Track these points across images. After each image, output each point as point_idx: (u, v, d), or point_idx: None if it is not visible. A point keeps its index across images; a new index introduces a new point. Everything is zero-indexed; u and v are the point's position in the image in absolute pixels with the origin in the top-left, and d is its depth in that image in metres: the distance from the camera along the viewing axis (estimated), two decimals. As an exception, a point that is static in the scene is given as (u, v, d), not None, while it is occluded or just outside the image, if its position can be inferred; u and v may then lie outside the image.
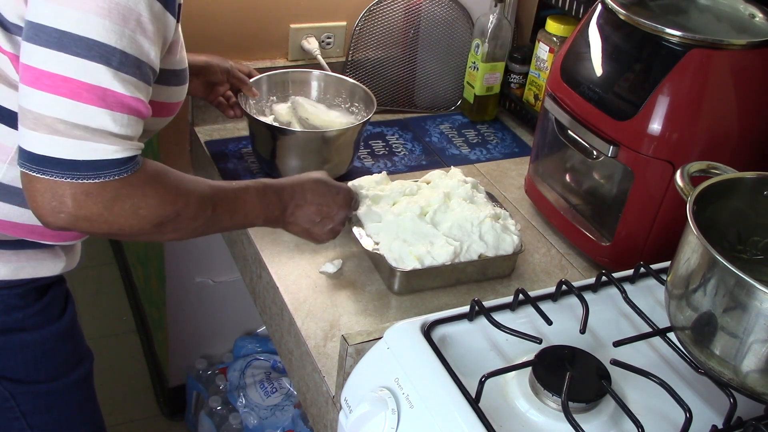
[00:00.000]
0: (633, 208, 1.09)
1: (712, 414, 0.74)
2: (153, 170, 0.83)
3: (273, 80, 1.38)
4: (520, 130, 1.61)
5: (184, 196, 0.85)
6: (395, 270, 1.06)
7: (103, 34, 0.74)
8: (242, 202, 0.93)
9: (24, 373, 1.00)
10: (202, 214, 0.87)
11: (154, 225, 0.83)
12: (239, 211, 0.93)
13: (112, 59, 0.75)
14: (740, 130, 1.02)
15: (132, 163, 0.80)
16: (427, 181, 1.22)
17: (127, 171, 0.79)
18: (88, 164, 0.76)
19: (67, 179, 0.76)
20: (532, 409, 0.71)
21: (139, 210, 0.81)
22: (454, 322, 0.80)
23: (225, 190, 0.92)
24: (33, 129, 0.75)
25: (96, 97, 0.75)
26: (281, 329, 1.11)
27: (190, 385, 1.97)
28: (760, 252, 0.82)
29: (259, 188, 0.96)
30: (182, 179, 0.87)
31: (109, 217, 0.80)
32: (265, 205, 0.96)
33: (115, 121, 0.77)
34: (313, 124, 1.37)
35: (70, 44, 0.73)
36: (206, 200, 0.88)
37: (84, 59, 0.74)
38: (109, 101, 0.76)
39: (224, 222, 0.92)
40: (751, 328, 0.65)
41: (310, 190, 1.00)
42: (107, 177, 0.78)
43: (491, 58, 1.54)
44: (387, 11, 1.57)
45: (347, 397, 0.80)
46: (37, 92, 0.74)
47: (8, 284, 0.94)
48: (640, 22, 1.03)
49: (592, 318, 0.81)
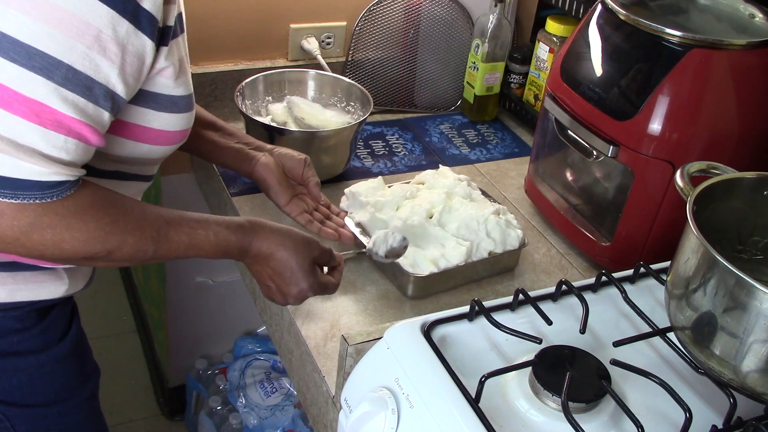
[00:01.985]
0: (633, 208, 1.09)
1: (712, 414, 0.74)
2: (87, 200, 0.75)
3: (269, 80, 1.38)
4: (520, 130, 1.61)
5: (119, 236, 0.77)
6: (411, 275, 1.05)
7: (50, 45, 0.67)
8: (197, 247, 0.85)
9: (19, 397, 0.95)
10: (140, 255, 0.80)
11: (82, 258, 0.76)
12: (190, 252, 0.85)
13: (54, 73, 0.68)
14: (740, 130, 1.02)
15: (60, 188, 0.72)
16: (420, 182, 1.23)
17: (52, 196, 0.71)
18: (6, 181, 0.68)
19: None
20: (532, 409, 0.71)
21: (62, 243, 0.74)
22: (454, 322, 0.80)
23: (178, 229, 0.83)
24: None
25: (29, 111, 0.68)
26: (281, 329, 1.11)
27: (190, 385, 1.96)
28: (760, 252, 0.82)
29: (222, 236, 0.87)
30: (122, 215, 0.78)
31: (27, 243, 0.73)
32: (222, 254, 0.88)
33: (47, 140, 0.69)
34: (308, 124, 1.37)
35: (8, 48, 0.67)
36: (146, 244, 0.80)
37: (21, 67, 0.67)
38: (43, 118, 0.68)
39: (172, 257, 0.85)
40: (751, 328, 0.65)
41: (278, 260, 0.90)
42: (27, 199, 0.70)
43: (491, 58, 1.54)
44: (387, 11, 1.57)
45: (347, 397, 0.80)
46: None
47: (4, 307, 0.89)
48: (640, 22, 1.03)
49: (592, 318, 0.81)
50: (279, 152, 1.13)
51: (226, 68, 1.52)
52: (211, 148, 1.12)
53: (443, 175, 1.22)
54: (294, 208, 1.12)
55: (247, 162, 1.11)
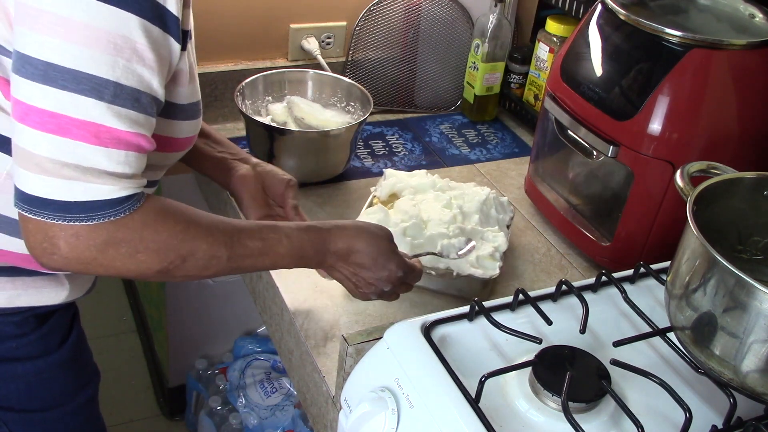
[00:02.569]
0: (633, 208, 1.09)
1: (712, 414, 0.74)
2: (157, 211, 0.76)
3: (269, 80, 1.38)
4: (520, 130, 1.61)
5: (191, 242, 0.77)
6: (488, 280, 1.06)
7: (92, 65, 0.68)
8: (271, 251, 0.84)
9: (16, 402, 0.94)
10: (215, 262, 0.80)
11: (157, 271, 0.77)
12: (265, 260, 0.84)
13: (104, 92, 0.69)
14: (740, 130, 1.02)
15: (129, 203, 0.73)
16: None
17: (122, 212, 0.73)
18: (80, 206, 0.71)
19: (58, 221, 0.70)
20: (532, 409, 0.71)
21: (137, 255, 0.75)
22: (454, 322, 0.80)
23: (250, 235, 0.82)
24: (25, 167, 0.70)
25: (88, 134, 0.69)
26: (281, 329, 1.11)
27: (190, 385, 1.96)
28: (760, 252, 0.82)
29: (297, 239, 0.86)
30: (194, 223, 0.78)
31: (104, 260, 0.74)
32: (298, 257, 0.86)
33: (110, 158, 0.71)
34: (308, 124, 1.37)
35: (56, 77, 0.68)
36: (220, 249, 0.79)
37: (73, 93, 0.68)
38: (102, 138, 0.70)
39: (246, 268, 0.84)
40: (751, 328, 0.65)
41: (360, 252, 0.89)
42: (100, 219, 0.72)
43: (491, 58, 1.54)
44: (387, 11, 1.57)
45: (347, 397, 0.80)
46: (26, 129, 0.69)
47: (3, 312, 0.88)
48: (640, 22, 1.03)
49: (592, 318, 0.80)
50: (263, 168, 1.07)
51: (226, 68, 1.52)
52: (193, 155, 1.07)
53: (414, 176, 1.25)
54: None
55: (225, 172, 1.07)
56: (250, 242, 0.82)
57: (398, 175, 1.24)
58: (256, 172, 1.06)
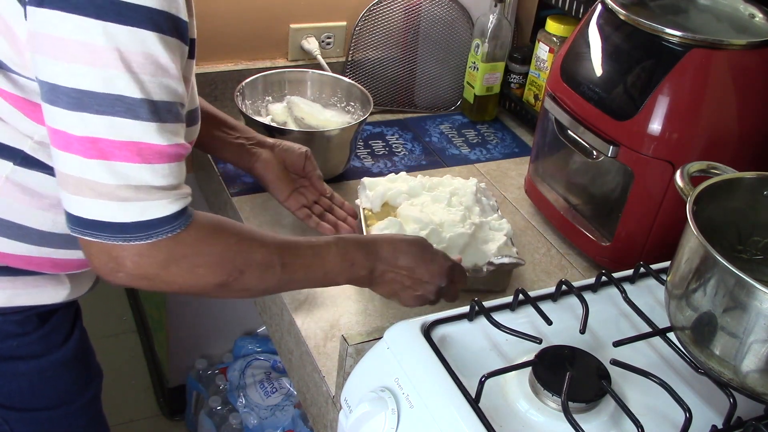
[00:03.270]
0: (633, 208, 1.09)
1: (712, 414, 0.74)
2: (209, 226, 0.79)
3: (269, 80, 1.38)
4: (520, 130, 1.61)
5: (245, 253, 0.80)
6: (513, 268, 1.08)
7: (122, 86, 0.70)
8: (321, 259, 0.86)
9: (18, 401, 0.95)
10: (270, 273, 0.82)
11: (216, 284, 0.79)
12: (317, 270, 0.86)
13: (138, 111, 0.71)
14: (740, 130, 1.02)
15: (182, 219, 0.76)
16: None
17: (177, 228, 0.75)
18: (137, 225, 0.73)
19: (119, 242, 0.73)
20: (532, 409, 0.71)
21: (197, 269, 0.77)
22: (454, 322, 0.80)
23: (299, 246, 0.85)
24: (78, 194, 0.72)
25: (131, 153, 0.71)
26: (281, 329, 1.11)
27: (190, 385, 1.97)
28: (760, 252, 0.82)
29: (344, 246, 0.88)
30: (245, 235, 0.81)
31: (166, 277, 0.77)
32: (348, 265, 0.88)
33: (155, 173, 0.73)
34: (308, 124, 1.37)
35: (91, 103, 0.69)
36: (273, 258, 0.82)
37: (109, 116, 0.70)
38: (145, 155, 0.72)
39: (301, 281, 0.86)
40: (751, 328, 0.65)
41: (406, 252, 0.91)
42: (157, 236, 0.74)
43: (491, 58, 1.54)
44: (387, 11, 1.57)
45: (347, 397, 0.80)
46: (70, 156, 0.71)
47: (3, 311, 0.89)
48: (640, 22, 1.03)
49: (592, 318, 0.81)
50: (280, 147, 1.15)
51: (226, 68, 1.52)
52: (212, 143, 1.14)
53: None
54: (293, 202, 1.14)
55: (247, 158, 1.13)
56: (300, 251, 0.85)
57: (380, 182, 1.20)
58: (276, 152, 1.14)
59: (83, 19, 0.68)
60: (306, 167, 1.16)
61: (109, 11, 0.68)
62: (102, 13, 0.67)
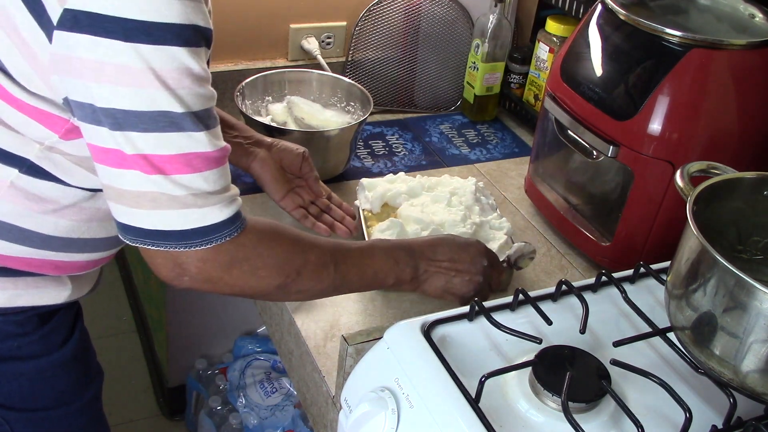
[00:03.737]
0: (633, 208, 1.09)
1: (712, 414, 0.74)
2: (265, 230, 0.82)
3: (269, 80, 1.38)
4: (520, 130, 1.61)
5: (301, 254, 0.84)
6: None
7: (164, 103, 0.72)
8: (370, 260, 0.90)
9: (19, 401, 0.95)
10: (325, 273, 0.85)
11: (276, 286, 0.82)
12: (368, 269, 0.90)
13: (183, 123, 0.73)
14: (740, 130, 1.02)
15: (239, 222, 0.79)
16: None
17: (235, 231, 0.79)
18: (196, 232, 0.76)
19: (182, 248, 0.76)
20: (532, 409, 0.71)
21: (258, 271, 0.81)
22: (454, 322, 0.80)
23: (348, 248, 0.89)
24: (135, 206, 0.75)
25: (182, 165, 0.74)
26: (281, 329, 1.11)
27: (190, 385, 1.97)
28: (760, 252, 0.82)
29: (386, 246, 0.92)
30: (299, 238, 0.85)
31: (229, 279, 0.80)
32: (394, 263, 0.91)
33: (207, 180, 0.76)
34: (308, 124, 1.37)
35: (135, 122, 0.72)
36: (326, 258, 0.86)
37: (155, 132, 0.73)
38: (195, 164, 0.75)
39: (353, 281, 0.89)
40: (751, 328, 0.65)
41: (440, 244, 0.95)
42: (218, 240, 0.77)
43: (491, 58, 1.54)
44: (387, 11, 1.57)
45: (347, 397, 0.80)
46: (126, 172, 0.74)
47: (4, 311, 0.89)
48: (640, 22, 1.03)
49: (592, 318, 0.81)
50: (277, 147, 1.16)
51: (226, 68, 1.52)
52: None
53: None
54: (289, 203, 1.16)
55: (245, 157, 1.14)
56: (350, 252, 0.89)
57: (379, 183, 1.21)
58: (273, 152, 1.15)
59: (114, 43, 0.69)
60: (303, 168, 1.17)
61: (138, 33, 0.69)
62: (131, 35, 0.69)
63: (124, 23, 0.69)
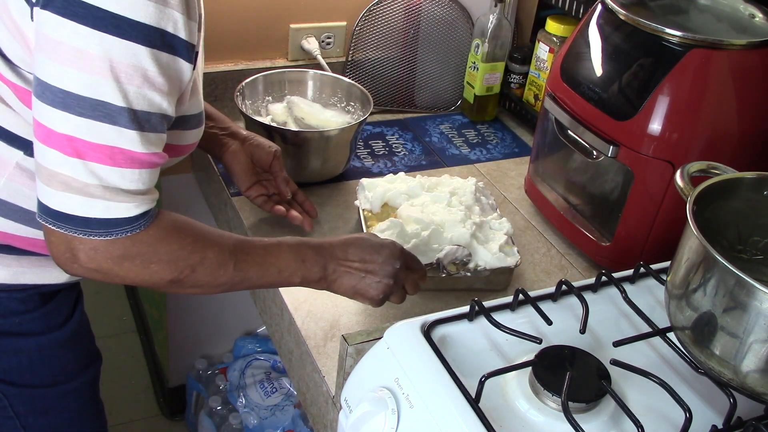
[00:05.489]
0: (633, 208, 1.09)
1: (712, 414, 0.74)
2: (167, 227, 0.82)
3: (269, 80, 1.38)
4: (520, 130, 1.61)
5: (199, 252, 0.83)
6: (515, 267, 1.09)
7: (107, 93, 0.73)
8: (274, 258, 0.89)
9: (18, 377, 0.98)
10: (222, 271, 0.85)
11: (169, 281, 0.82)
12: (270, 268, 0.88)
13: (117, 118, 0.74)
14: (740, 130, 1.02)
15: (144, 219, 0.79)
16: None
17: (138, 228, 0.79)
18: (100, 222, 0.77)
19: (79, 234, 0.77)
20: (532, 409, 0.71)
21: (150, 266, 0.81)
22: (454, 322, 0.80)
23: (252, 245, 0.88)
24: (47, 185, 0.76)
25: (103, 156, 0.75)
26: (281, 329, 1.11)
27: (190, 385, 1.97)
28: (760, 252, 0.82)
29: (294, 245, 0.91)
30: (201, 235, 0.84)
31: (120, 272, 0.80)
32: (300, 262, 0.90)
33: (124, 177, 0.76)
34: (308, 124, 1.37)
35: (73, 104, 0.73)
36: (226, 256, 0.85)
37: (88, 119, 0.73)
38: (117, 159, 0.75)
39: (254, 279, 0.88)
40: (751, 328, 0.65)
41: (353, 244, 0.93)
42: (118, 234, 0.78)
43: (491, 58, 1.54)
44: (387, 11, 1.57)
45: (347, 397, 0.80)
46: (48, 150, 0.75)
47: (8, 288, 0.92)
48: (640, 22, 1.03)
49: (592, 318, 0.81)
50: (251, 142, 1.18)
51: (226, 68, 1.52)
52: None
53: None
54: (253, 192, 1.18)
55: (217, 147, 1.17)
56: (254, 249, 0.88)
57: (379, 183, 1.20)
58: (246, 146, 1.17)
59: (81, 27, 0.71)
60: (273, 166, 1.18)
61: (107, 24, 0.71)
62: (100, 24, 0.71)
63: (96, 11, 0.71)
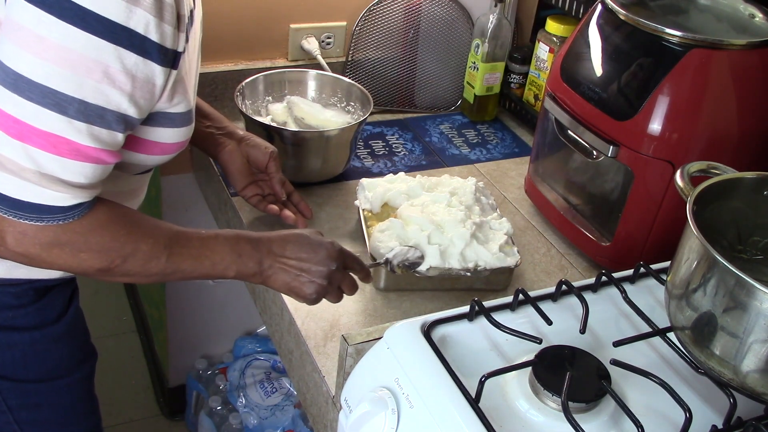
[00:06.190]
0: (633, 208, 1.09)
1: (712, 414, 0.74)
2: (103, 216, 0.81)
3: (269, 80, 1.38)
4: (520, 130, 1.61)
5: (132, 243, 0.82)
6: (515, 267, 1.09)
7: (60, 83, 0.72)
8: (209, 251, 0.88)
9: (11, 371, 0.98)
10: (155, 262, 0.84)
11: (97, 269, 0.82)
12: (204, 261, 0.88)
13: (67, 108, 0.73)
14: (740, 130, 1.02)
15: (78, 210, 0.78)
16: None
17: (71, 217, 0.78)
18: (32, 206, 0.75)
19: (9, 216, 0.75)
20: (532, 409, 0.71)
21: (79, 254, 0.80)
22: (454, 322, 0.80)
23: (188, 237, 0.87)
24: None
25: (46, 143, 0.74)
26: (281, 329, 1.11)
27: (190, 385, 1.97)
28: (760, 252, 0.82)
29: (231, 237, 0.90)
30: (136, 226, 0.84)
31: (48, 258, 0.79)
32: (236, 255, 0.89)
33: (64, 168, 0.75)
34: (308, 124, 1.37)
35: (24, 88, 0.72)
36: (159, 248, 0.84)
37: (37, 105, 0.72)
38: (60, 149, 0.74)
39: (186, 270, 0.87)
40: (751, 328, 0.65)
41: (291, 242, 0.93)
42: (49, 221, 0.77)
43: (491, 58, 1.54)
44: (387, 11, 1.57)
45: (347, 397, 0.80)
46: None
47: (1, 282, 0.92)
48: (640, 22, 1.03)
49: (592, 318, 0.81)
50: (247, 142, 1.18)
51: (226, 68, 1.52)
52: None
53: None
54: (248, 192, 1.18)
55: (213, 147, 1.17)
56: (189, 242, 0.87)
57: (379, 183, 1.21)
58: (242, 147, 1.17)
59: (46, 15, 0.71)
60: (269, 167, 1.18)
61: (73, 15, 0.71)
62: (66, 15, 0.71)
63: (64, 2, 0.70)
